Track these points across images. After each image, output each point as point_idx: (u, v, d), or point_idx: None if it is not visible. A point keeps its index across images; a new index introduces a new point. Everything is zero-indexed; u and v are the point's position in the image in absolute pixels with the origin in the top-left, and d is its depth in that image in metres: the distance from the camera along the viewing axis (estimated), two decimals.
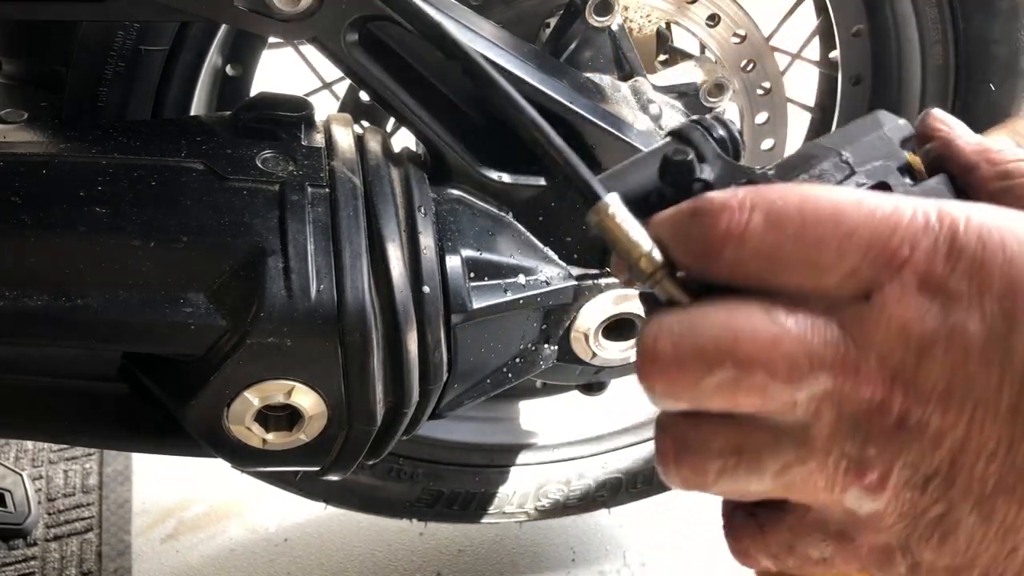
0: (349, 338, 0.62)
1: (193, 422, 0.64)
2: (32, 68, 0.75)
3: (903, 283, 0.30)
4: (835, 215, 0.31)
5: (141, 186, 0.63)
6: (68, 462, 1.41)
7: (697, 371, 0.31)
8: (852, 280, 0.30)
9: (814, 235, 0.31)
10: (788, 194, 0.31)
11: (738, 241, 0.31)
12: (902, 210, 0.30)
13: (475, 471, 1.11)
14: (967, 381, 0.29)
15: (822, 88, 1.13)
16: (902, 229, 0.30)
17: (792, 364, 0.30)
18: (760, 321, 0.31)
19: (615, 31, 0.83)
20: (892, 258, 0.30)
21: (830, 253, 0.30)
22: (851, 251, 0.30)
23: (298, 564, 1.29)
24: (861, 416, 0.30)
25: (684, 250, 0.34)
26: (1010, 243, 0.29)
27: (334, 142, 0.70)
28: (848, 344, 0.30)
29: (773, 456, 0.32)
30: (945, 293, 0.29)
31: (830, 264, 0.30)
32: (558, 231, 0.78)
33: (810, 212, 0.31)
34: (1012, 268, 0.29)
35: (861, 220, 0.30)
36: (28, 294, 0.60)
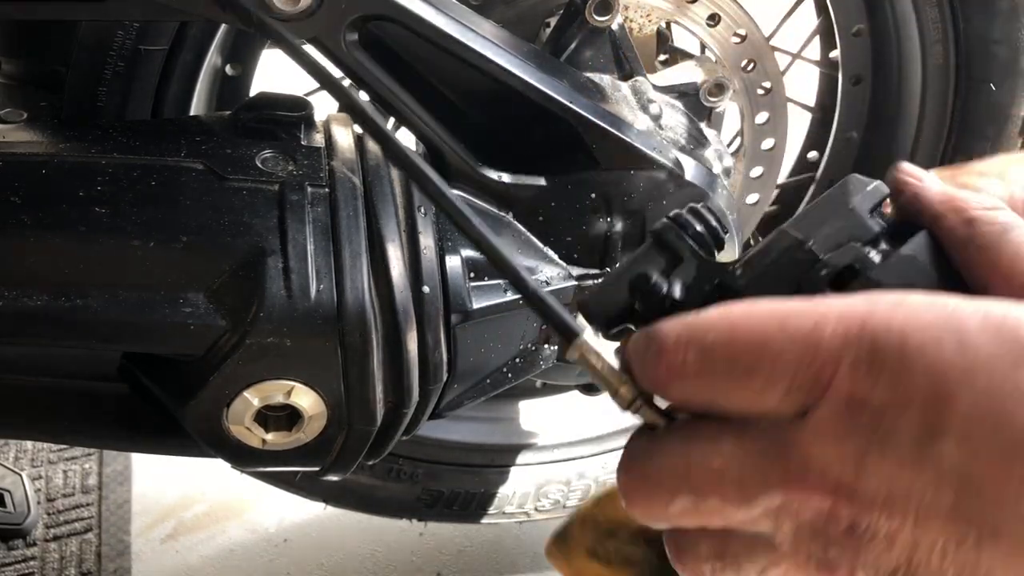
0: (349, 338, 0.62)
1: (193, 422, 0.64)
2: (32, 68, 0.75)
3: (831, 402, 0.32)
4: (760, 343, 0.33)
5: (141, 186, 0.63)
6: (68, 462, 1.41)
7: (662, 499, 0.35)
8: (787, 401, 0.33)
9: (744, 366, 0.33)
10: (717, 325, 0.34)
11: (679, 379, 0.35)
12: (822, 326, 0.32)
13: (475, 471, 1.11)
14: (906, 488, 0.31)
15: (822, 88, 1.13)
16: (823, 348, 0.32)
17: (741, 487, 0.33)
18: (708, 451, 0.34)
19: (615, 31, 0.83)
20: (817, 379, 0.32)
21: (759, 381, 0.33)
22: (779, 377, 0.32)
23: (298, 564, 1.29)
24: (817, 524, 0.32)
25: (643, 384, 0.37)
26: (930, 348, 0.31)
27: (334, 142, 0.70)
28: (790, 461, 0.32)
29: (751, 560, 0.35)
30: (871, 407, 0.31)
31: (762, 391, 0.33)
32: (558, 231, 0.77)
33: (738, 343, 0.33)
34: (932, 375, 0.30)
35: (785, 345, 0.32)
36: (28, 294, 0.60)
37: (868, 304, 0.32)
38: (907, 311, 0.32)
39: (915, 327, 0.31)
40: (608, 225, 0.78)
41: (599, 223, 0.78)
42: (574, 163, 0.76)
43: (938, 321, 0.31)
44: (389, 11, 0.68)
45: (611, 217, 0.78)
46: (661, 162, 0.76)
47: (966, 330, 0.31)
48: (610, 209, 0.77)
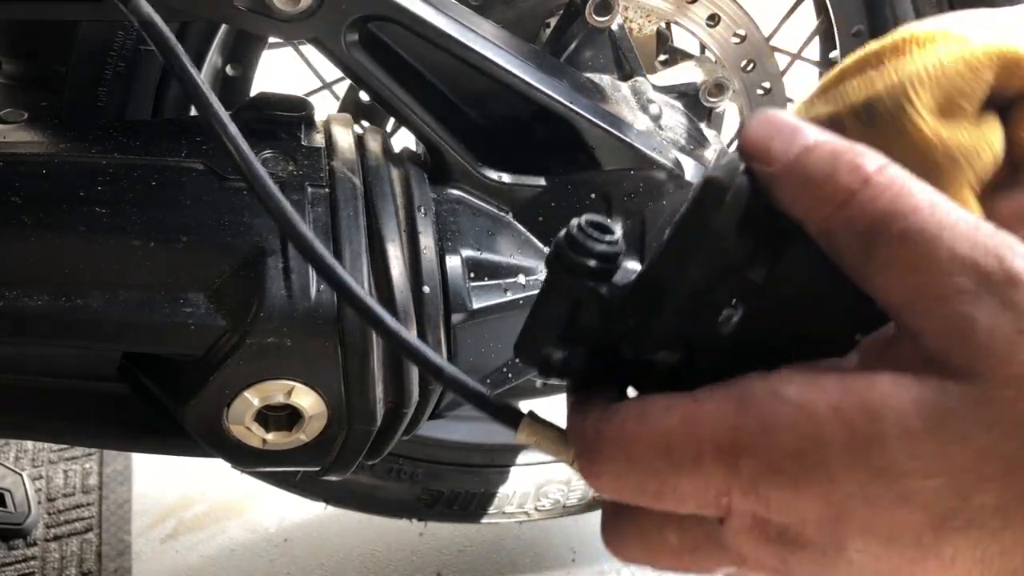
0: (349, 338, 0.62)
1: (193, 422, 0.64)
2: (32, 68, 0.75)
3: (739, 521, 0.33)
4: (657, 476, 0.34)
5: (141, 186, 0.63)
6: (68, 462, 1.41)
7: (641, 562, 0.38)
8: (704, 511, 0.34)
9: (652, 492, 0.34)
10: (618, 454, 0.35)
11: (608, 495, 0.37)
12: (701, 458, 0.33)
13: (475, 471, 1.11)
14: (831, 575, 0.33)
15: None
16: (712, 482, 0.33)
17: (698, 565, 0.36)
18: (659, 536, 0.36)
19: (615, 31, 0.84)
20: (718, 506, 0.33)
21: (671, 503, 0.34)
22: (685, 502, 0.34)
23: (298, 564, 1.29)
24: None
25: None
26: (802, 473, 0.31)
27: (334, 142, 0.70)
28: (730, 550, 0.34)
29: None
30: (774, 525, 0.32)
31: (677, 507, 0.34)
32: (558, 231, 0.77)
33: (640, 472, 0.34)
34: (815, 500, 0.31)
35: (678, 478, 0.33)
36: (28, 294, 0.60)
37: (736, 420, 0.32)
38: (773, 438, 0.32)
39: (783, 457, 0.31)
40: None
41: None
42: (574, 163, 0.76)
43: (805, 451, 0.31)
44: (389, 11, 0.68)
45: (611, 217, 0.78)
46: (661, 162, 0.77)
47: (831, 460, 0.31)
48: (610, 209, 0.77)
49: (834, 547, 0.32)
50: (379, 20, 0.69)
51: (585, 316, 0.37)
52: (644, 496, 0.35)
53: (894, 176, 0.31)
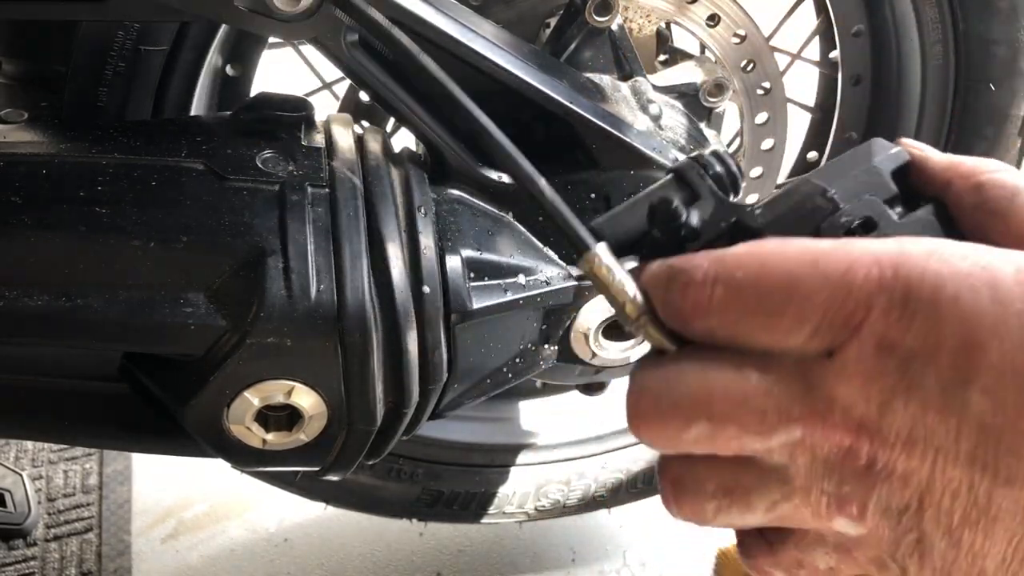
0: (349, 338, 0.62)
1: (193, 422, 0.64)
2: (32, 68, 0.75)
3: (861, 344, 0.32)
4: (791, 282, 0.33)
5: (141, 186, 0.63)
6: (68, 462, 1.41)
7: (677, 426, 0.35)
8: (815, 340, 0.33)
9: (772, 304, 0.33)
10: (747, 262, 0.34)
11: (704, 314, 0.35)
12: (856, 269, 0.32)
13: (475, 471, 1.11)
14: (927, 430, 0.31)
15: (822, 88, 1.13)
16: (856, 289, 0.32)
17: (761, 418, 0.33)
18: (731, 379, 0.34)
19: (615, 31, 0.83)
20: (848, 320, 0.32)
21: (789, 318, 0.33)
22: (809, 316, 0.32)
23: (298, 564, 1.29)
24: (834, 459, 0.33)
25: (664, 314, 0.37)
26: (964, 297, 0.31)
27: (334, 142, 0.70)
28: (815, 397, 0.33)
29: (760, 496, 0.35)
30: (902, 351, 0.31)
31: (790, 329, 0.33)
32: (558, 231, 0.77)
33: (767, 281, 0.33)
34: (965, 324, 0.31)
35: (817, 284, 0.32)
36: (28, 294, 0.60)
37: (902, 249, 0.32)
38: (942, 258, 0.32)
39: (950, 275, 0.31)
40: None
41: None
42: (574, 163, 0.76)
43: (973, 271, 0.31)
44: (389, 12, 0.68)
45: None
46: (661, 162, 0.77)
47: (1000, 282, 0.31)
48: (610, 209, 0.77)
49: (960, 381, 0.31)
50: None
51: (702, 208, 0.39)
52: (759, 311, 0.33)
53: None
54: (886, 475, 0.32)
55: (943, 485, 0.31)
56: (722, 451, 0.35)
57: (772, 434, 0.33)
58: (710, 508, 0.36)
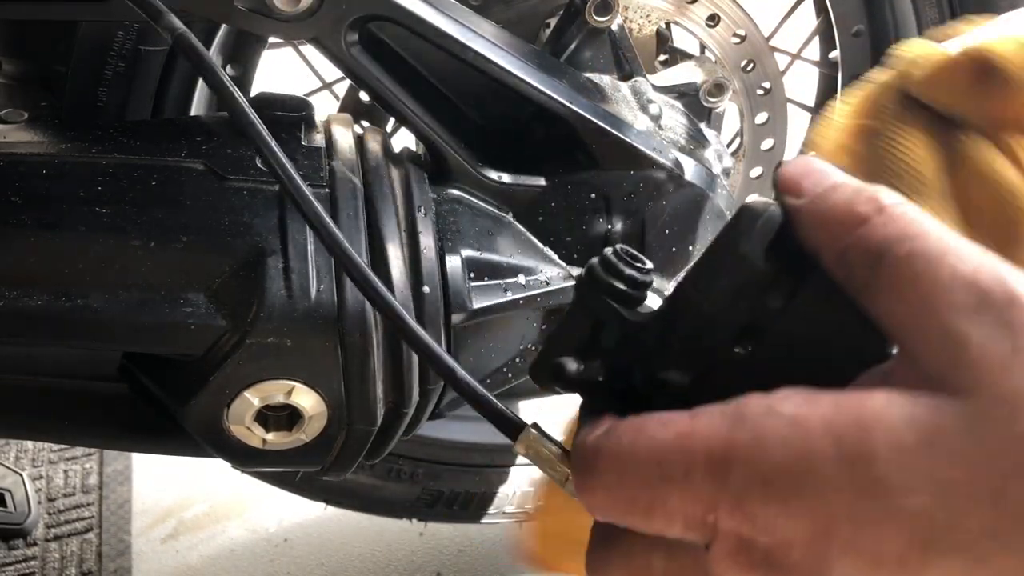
0: (349, 338, 0.62)
1: (193, 422, 0.64)
2: (32, 68, 0.75)
3: (724, 543, 0.33)
4: (648, 486, 0.34)
5: (141, 186, 0.63)
6: (68, 462, 1.41)
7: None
8: (689, 535, 0.34)
9: (641, 508, 0.35)
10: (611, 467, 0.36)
11: (600, 512, 0.37)
12: (694, 467, 0.33)
13: (475, 471, 1.11)
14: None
15: (822, 88, 1.13)
16: (700, 496, 0.33)
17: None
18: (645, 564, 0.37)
19: (615, 31, 0.84)
20: (703, 521, 0.33)
21: (659, 520, 0.34)
22: (672, 517, 0.34)
23: (298, 564, 1.29)
24: None
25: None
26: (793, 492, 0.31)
27: (334, 142, 0.70)
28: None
29: None
30: (759, 548, 0.32)
31: (664, 527, 0.34)
32: (558, 231, 0.78)
33: (631, 485, 0.35)
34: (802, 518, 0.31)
35: (666, 490, 0.34)
36: (28, 294, 0.60)
37: (729, 433, 0.33)
38: (764, 450, 0.32)
39: (772, 470, 0.31)
40: (608, 225, 0.78)
41: (599, 223, 0.78)
42: (574, 163, 0.76)
43: (795, 463, 0.31)
44: (389, 11, 0.68)
45: (611, 217, 0.78)
46: (661, 162, 0.77)
47: (820, 473, 0.31)
48: (610, 209, 0.77)
49: (819, 571, 0.31)
50: (379, 20, 0.69)
51: (606, 336, 0.40)
52: (634, 512, 0.35)
53: (908, 210, 0.33)
54: None
55: None
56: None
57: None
58: None
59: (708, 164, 0.82)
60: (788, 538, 0.31)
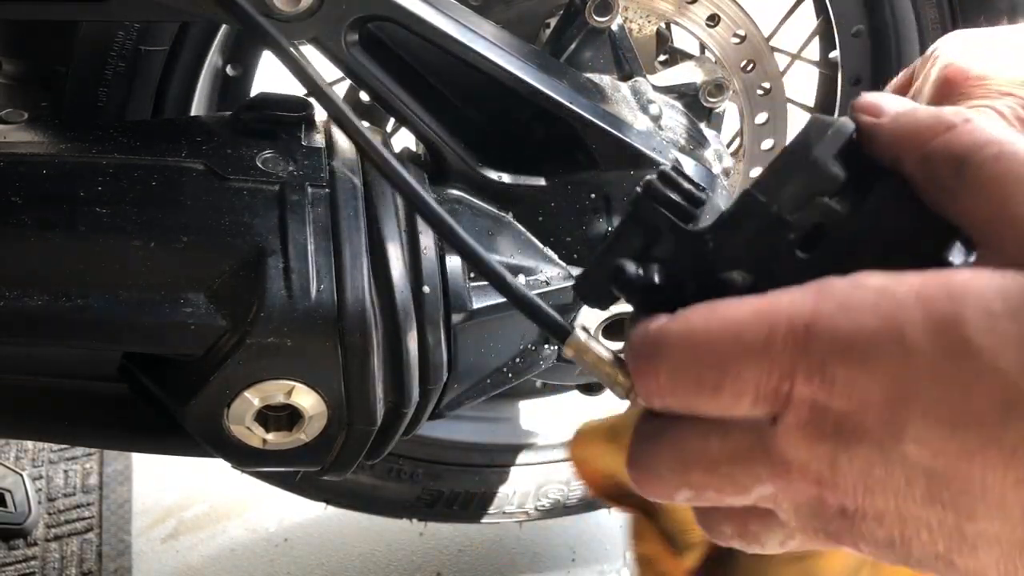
0: (349, 338, 0.62)
1: (193, 422, 0.64)
2: (33, 68, 0.75)
3: (796, 412, 0.33)
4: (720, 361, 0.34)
5: (141, 186, 0.64)
6: (68, 462, 1.41)
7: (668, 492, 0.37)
8: (756, 409, 0.34)
9: (709, 385, 0.34)
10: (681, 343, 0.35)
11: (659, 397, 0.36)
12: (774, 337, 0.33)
13: (475, 471, 1.11)
14: (879, 481, 0.32)
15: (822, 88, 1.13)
16: (777, 361, 0.33)
17: (732, 481, 0.35)
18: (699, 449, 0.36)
19: (615, 31, 0.84)
20: (777, 392, 0.33)
21: (727, 396, 0.34)
22: (743, 391, 0.34)
23: (298, 564, 1.29)
24: (812, 506, 0.34)
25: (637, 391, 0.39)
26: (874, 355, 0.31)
27: (334, 142, 0.70)
28: (773, 458, 0.34)
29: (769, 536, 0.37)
30: (833, 414, 0.32)
31: (731, 404, 0.34)
32: (558, 231, 0.78)
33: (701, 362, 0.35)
34: (883, 381, 0.31)
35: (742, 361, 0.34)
36: (28, 294, 0.60)
37: (815, 304, 0.33)
38: (850, 315, 0.32)
39: (859, 332, 0.32)
40: (608, 225, 0.78)
41: (599, 223, 0.78)
42: (574, 163, 0.76)
43: (882, 326, 0.31)
44: (389, 12, 0.68)
45: (611, 217, 0.78)
46: (661, 162, 0.77)
47: (908, 335, 0.31)
48: (610, 209, 0.77)
49: (892, 436, 0.31)
50: (379, 20, 0.69)
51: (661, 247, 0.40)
52: (701, 391, 0.34)
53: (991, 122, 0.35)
54: (860, 517, 0.33)
55: (915, 522, 0.32)
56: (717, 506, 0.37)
57: (747, 493, 0.35)
58: (735, 544, 0.38)
59: (708, 164, 0.82)
60: (865, 400, 0.31)
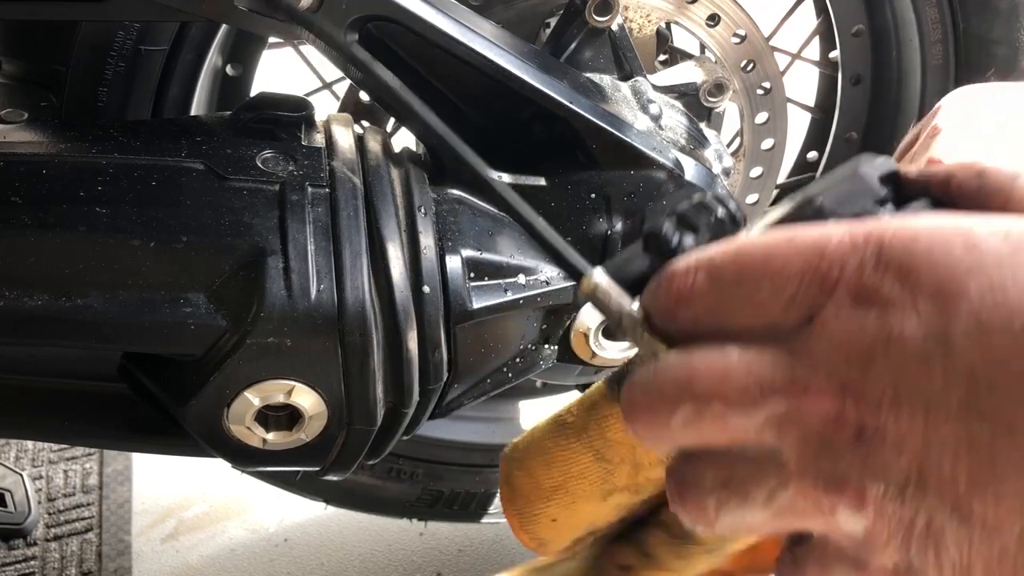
0: (349, 338, 0.62)
1: (193, 422, 0.64)
2: (32, 68, 0.75)
3: (838, 301, 0.31)
4: (766, 256, 0.33)
5: (141, 186, 0.64)
6: (68, 462, 1.41)
7: (664, 412, 0.35)
8: (793, 308, 0.32)
9: (750, 278, 0.33)
10: (726, 248, 0.34)
11: (688, 301, 0.35)
12: (828, 235, 0.32)
13: (475, 471, 1.11)
14: (914, 384, 0.30)
15: (822, 88, 1.13)
16: (830, 252, 0.32)
17: (743, 392, 0.33)
18: (712, 359, 0.34)
19: (615, 31, 0.83)
20: (824, 280, 0.32)
21: (766, 289, 0.33)
22: (785, 283, 0.32)
23: (298, 564, 1.29)
24: (824, 432, 0.31)
25: (655, 315, 0.37)
26: (937, 246, 0.30)
27: (334, 142, 0.70)
28: (795, 366, 0.32)
29: (757, 485, 0.34)
30: (879, 303, 0.31)
31: (768, 299, 0.33)
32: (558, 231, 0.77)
33: (745, 259, 0.34)
34: (939, 269, 0.30)
35: (791, 254, 0.32)
36: (28, 294, 0.60)
37: (875, 220, 0.33)
38: (914, 220, 0.32)
39: (923, 229, 0.31)
40: (608, 225, 0.78)
41: (599, 223, 0.78)
42: (574, 163, 0.76)
43: (946, 225, 0.31)
44: (389, 11, 0.68)
45: (611, 217, 0.78)
46: (661, 162, 0.77)
47: (974, 233, 0.30)
48: (610, 209, 0.77)
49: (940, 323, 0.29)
50: (379, 20, 0.69)
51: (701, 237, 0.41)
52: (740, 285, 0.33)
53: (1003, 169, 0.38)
54: (878, 443, 0.30)
55: (940, 445, 0.29)
56: (713, 438, 0.34)
57: (756, 409, 0.32)
58: (711, 504, 0.35)
59: (708, 164, 0.82)
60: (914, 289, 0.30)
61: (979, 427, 0.29)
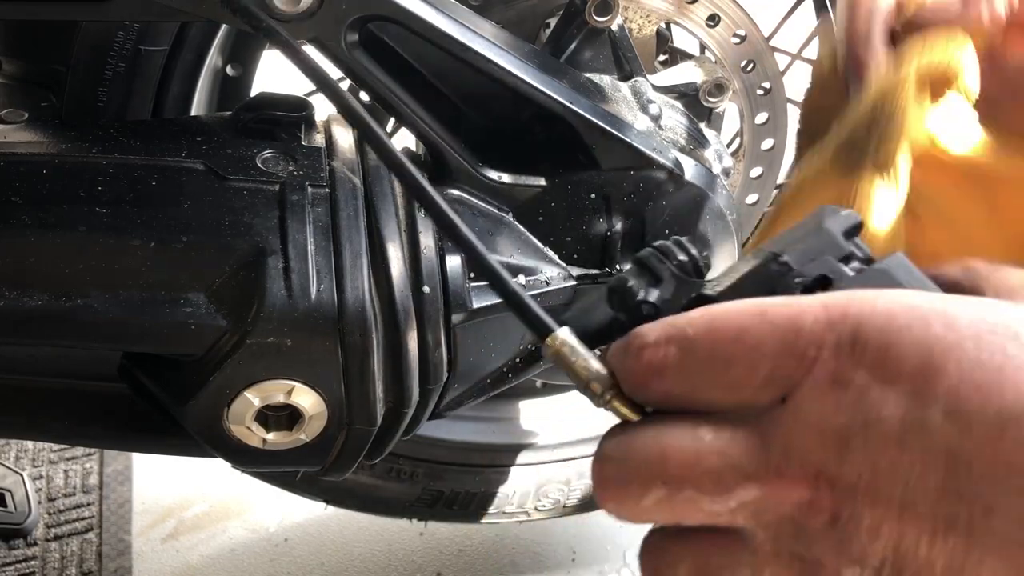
0: (349, 338, 0.62)
1: (193, 422, 0.64)
2: (32, 68, 0.75)
3: (814, 383, 0.31)
4: (740, 332, 0.32)
5: (141, 186, 0.64)
6: (68, 462, 1.41)
7: (636, 493, 0.34)
8: (767, 388, 0.32)
9: (723, 355, 0.32)
10: (697, 321, 0.34)
11: (659, 374, 0.34)
12: (804, 315, 0.31)
13: (475, 471, 1.11)
14: (890, 467, 0.29)
15: None
16: (806, 332, 0.31)
17: (716, 478, 0.32)
18: (685, 441, 0.33)
19: (615, 31, 0.83)
20: (800, 361, 0.31)
21: (740, 368, 0.32)
22: (760, 361, 0.32)
23: (298, 564, 1.29)
24: (797, 518, 0.31)
25: (623, 381, 0.36)
26: (915, 325, 0.30)
27: (334, 142, 0.70)
28: (769, 450, 0.31)
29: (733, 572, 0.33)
30: (856, 385, 0.30)
31: (742, 378, 0.32)
32: (558, 231, 0.78)
33: (717, 335, 0.33)
34: (918, 348, 0.30)
35: (766, 332, 0.32)
36: (28, 294, 0.60)
37: (850, 294, 0.32)
38: (891, 297, 0.31)
39: (900, 309, 0.30)
40: (608, 225, 0.78)
41: (599, 223, 0.78)
42: (574, 163, 0.76)
43: (923, 305, 0.30)
44: (389, 12, 0.68)
45: (611, 217, 0.78)
46: (661, 162, 0.77)
47: (949, 311, 0.30)
48: (610, 209, 0.78)
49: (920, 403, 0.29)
50: (379, 20, 0.69)
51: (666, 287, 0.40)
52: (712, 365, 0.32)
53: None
54: (853, 528, 0.30)
55: (916, 532, 0.29)
56: (685, 519, 0.34)
57: (729, 494, 0.32)
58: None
59: (708, 164, 0.82)
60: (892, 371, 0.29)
61: (956, 508, 0.28)
